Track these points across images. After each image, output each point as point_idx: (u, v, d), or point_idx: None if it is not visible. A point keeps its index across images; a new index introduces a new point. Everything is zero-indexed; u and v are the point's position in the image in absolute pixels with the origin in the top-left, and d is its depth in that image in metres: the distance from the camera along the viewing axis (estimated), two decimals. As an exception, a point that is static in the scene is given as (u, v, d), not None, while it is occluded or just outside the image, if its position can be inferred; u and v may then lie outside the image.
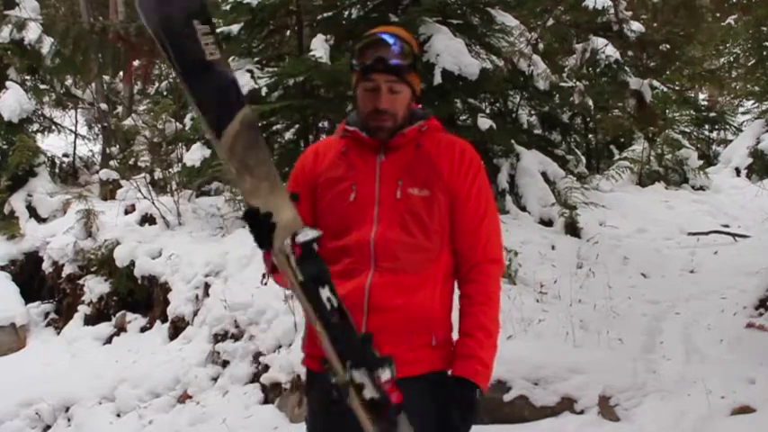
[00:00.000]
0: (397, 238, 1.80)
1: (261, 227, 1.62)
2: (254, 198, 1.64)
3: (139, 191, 6.92)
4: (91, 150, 10.82)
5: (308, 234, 1.64)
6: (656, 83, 9.14)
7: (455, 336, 1.89)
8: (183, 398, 4.91)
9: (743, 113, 13.17)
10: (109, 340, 6.17)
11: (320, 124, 7.11)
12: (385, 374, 1.62)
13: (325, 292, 1.64)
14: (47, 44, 8.83)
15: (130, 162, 8.17)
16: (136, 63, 9.67)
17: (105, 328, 6.28)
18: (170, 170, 7.52)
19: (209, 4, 1.61)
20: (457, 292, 1.91)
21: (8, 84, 8.70)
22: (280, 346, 4.71)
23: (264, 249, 1.66)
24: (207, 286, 5.60)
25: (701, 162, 9.84)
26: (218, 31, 6.70)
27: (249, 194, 1.65)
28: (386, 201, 1.82)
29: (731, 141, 11.72)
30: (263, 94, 6.21)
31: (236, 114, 1.62)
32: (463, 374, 1.80)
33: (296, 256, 1.63)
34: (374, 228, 1.81)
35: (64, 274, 6.83)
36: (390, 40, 1.81)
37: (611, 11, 7.70)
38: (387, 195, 1.83)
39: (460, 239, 1.87)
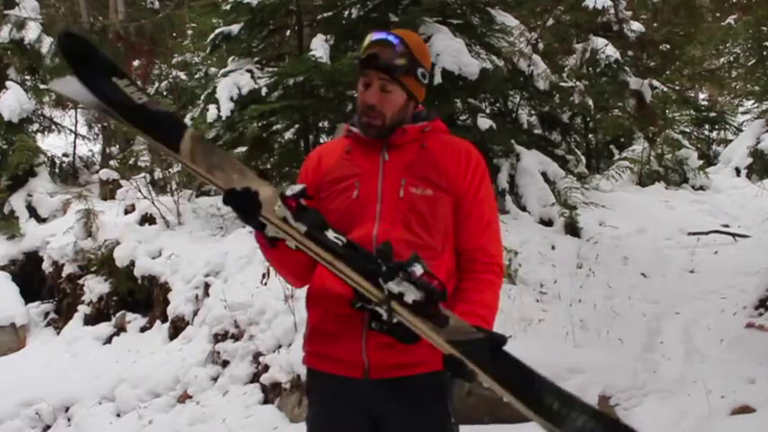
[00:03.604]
0: (400, 237, 1.79)
1: (244, 203, 1.65)
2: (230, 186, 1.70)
3: (139, 191, 6.92)
4: (91, 150, 10.83)
5: (294, 188, 1.67)
6: (656, 83, 9.12)
7: None
8: (183, 398, 4.92)
9: (743, 113, 13.17)
10: (109, 340, 6.17)
11: (320, 124, 7.10)
12: (418, 270, 1.60)
13: (331, 234, 1.66)
14: (47, 44, 8.83)
15: (130, 162, 8.17)
16: (136, 63, 9.69)
17: (105, 328, 6.28)
18: (170, 170, 7.52)
19: (117, 63, 1.81)
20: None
21: (8, 84, 8.70)
22: (280, 346, 4.71)
23: (254, 226, 1.68)
24: (207, 286, 5.60)
25: (701, 162, 9.83)
26: (218, 31, 6.78)
27: (225, 185, 1.69)
28: (388, 199, 1.82)
29: (731, 141, 11.71)
30: (263, 94, 6.21)
31: (183, 133, 1.74)
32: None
33: (292, 212, 1.64)
34: (376, 225, 1.81)
35: (64, 274, 6.83)
36: (394, 41, 1.81)
37: (611, 11, 7.69)
38: (389, 193, 1.83)
39: (468, 240, 1.86)
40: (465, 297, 1.82)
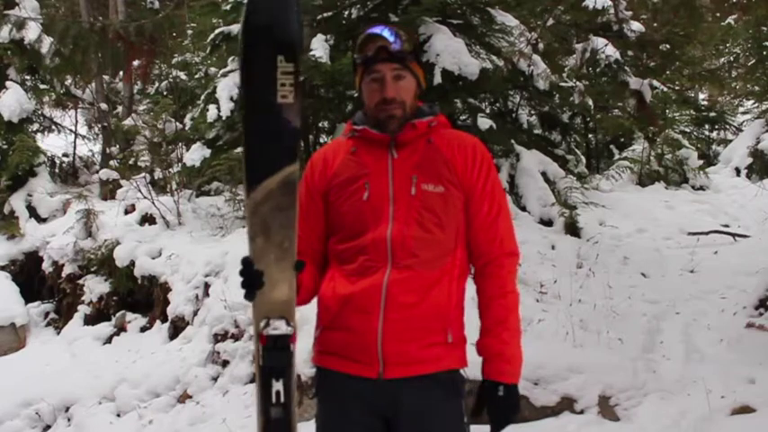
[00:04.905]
0: (415, 235, 1.80)
1: (249, 279, 1.65)
2: (259, 263, 1.63)
3: (139, 191, 6.92)
4: (91, 150, 10.82)
5: (278, 328, 1.64)
6: (656, 83, 9.11)
7: (464, 332, 1.90)
8: (183, 398, 4.92)
9: (743, 113, 13.16)
10: (109, 340, 6.17)
11: (320, 124, 7.10)
12: None
13: (277, 386, 1.66)
14: (46, 44, 8.83)
15: (130, 162, 8.18)
16: (136, 63, 9.68)
17: (105, 327, 6.28)
18: (170, 170, 7.53)
19: (300, 44, 1.50)
20: (468, 290, 1.92)
21: (8, 84, 8.70)
22: (280, 346, 4.70)
23: (247, 300, 1.70)
24: (207, 286, 5.60)
25: (701, 162, 9.82)
26: (218, 31, 6.77)
27: (255, 259, 1.63)
28: (400, 198, 1.83)
29: (731, 141, 11.70)
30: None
31: (281, 169, 1.55)
32: (490, 377, 1.84)
33: (263, 344, 1.65)
34: (390, 225, 1.81)
35: (64, 274, 6.83)
36: (388, 31, 1.84)
37: (611, 11, 7.68)
38: (401, 192, 1.83)
39: (477, 234, 1.88)
40: (488, 330, 1.87)
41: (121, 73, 10.70)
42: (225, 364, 4.99)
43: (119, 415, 5.01)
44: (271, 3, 1.44)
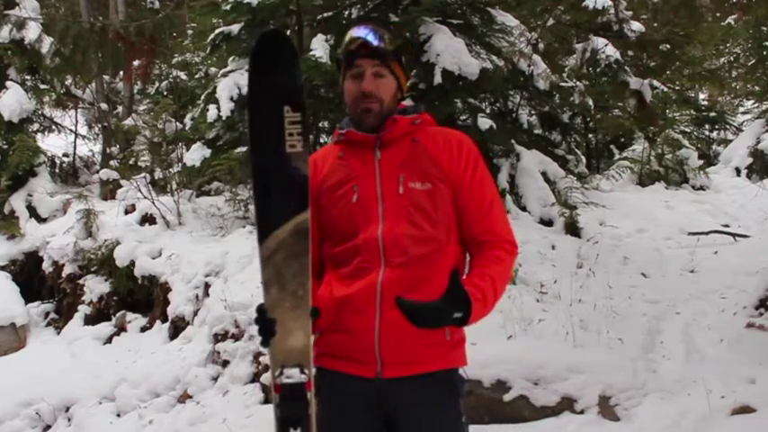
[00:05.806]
0: (406, 233, 1.81)
1: (263, 330, 1.67)
2: (273, 312, 1.64)
3: (139, 191, 6.92)
4: (91, 150, 10.81)
5: (292, 377, 1.64)
6: (656, 83, 9.12)
7: (463, 330, 1.89)
8: (183, 398, 4.92)
9: (743, 113, 13.16)
10: (109, 340, 6.17)
11: (320, 124, 7.10)
12: None
13: None
14: (47, 44, 8.83)
15: (130, 162, 8.18)
16: (136, 63, 9.68)
17: (105, 327, 6.28)
18: (170, 170, 7.53)
19: (304, 93, 1.53)
20: None
21: (8, 84, 8.70)
22: (280, 346, 4.70)
23: (263, 347, 1.71)
24: (207, 286, 5.60)
25: (701, 162, 9.83)
26: (218, 31, 6.76)
27: (270, 307, 1.64)
28: (389, 197, 1.83)
29: (731, 141, 11.71)
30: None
31: (292, 218, 1.56)
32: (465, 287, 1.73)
33: (278, 393, 1.65)
34: (381, 225, 1.82)
35: (64, 274, 6.83)
36: (370, 31, 1.85)
37: (612, 11, 7.68)
38: (389, 192, 1.84)
39: (473, 226, 1.87)
40: (470, 273, 1.84)
41: (121, 73, 10.69)
42: (225, 364, 4.99)
43: (119, 415, 5.01)
44: (273, 54, 1.48)
